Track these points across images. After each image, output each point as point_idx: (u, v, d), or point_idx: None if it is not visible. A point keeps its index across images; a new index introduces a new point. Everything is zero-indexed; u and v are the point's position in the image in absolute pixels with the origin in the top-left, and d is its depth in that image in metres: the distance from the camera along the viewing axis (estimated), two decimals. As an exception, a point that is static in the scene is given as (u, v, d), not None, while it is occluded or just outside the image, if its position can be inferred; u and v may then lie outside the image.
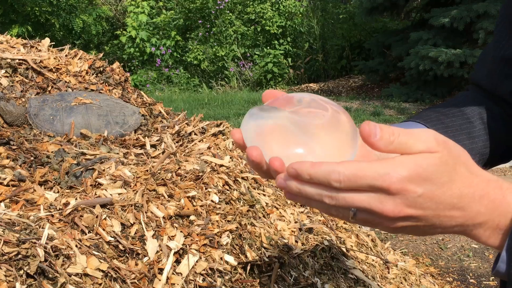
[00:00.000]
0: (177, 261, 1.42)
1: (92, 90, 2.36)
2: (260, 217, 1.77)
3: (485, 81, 0.88)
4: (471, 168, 0.54)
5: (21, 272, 1.13)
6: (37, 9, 11.11)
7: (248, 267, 1.52)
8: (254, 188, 1.92)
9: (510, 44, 0.84)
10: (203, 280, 1.41)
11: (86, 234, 1.37)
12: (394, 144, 0.51)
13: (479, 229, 0.55)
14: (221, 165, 1.89)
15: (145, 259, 1.38)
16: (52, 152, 1.76)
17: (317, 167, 0.50)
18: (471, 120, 0.83)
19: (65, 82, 2.32)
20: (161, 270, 1.37)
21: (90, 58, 2.56)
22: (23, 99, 2.13)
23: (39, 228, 1.30)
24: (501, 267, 0.56)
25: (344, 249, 1.90)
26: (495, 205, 0.54)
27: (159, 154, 1.96)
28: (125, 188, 1.60)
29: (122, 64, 10.90)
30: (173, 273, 1.38)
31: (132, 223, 1.46)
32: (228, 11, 11.00)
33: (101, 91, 2.37)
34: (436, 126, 0.79)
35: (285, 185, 0.53)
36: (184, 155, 1.98)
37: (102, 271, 1.27)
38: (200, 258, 1.45)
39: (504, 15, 0.86)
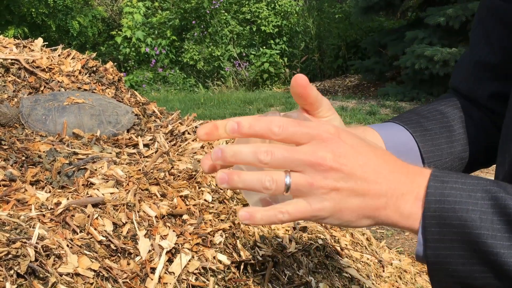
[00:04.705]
0: (170, 261, 1.41)
1: (85, 89, 2.35)
2: (253, 216, 1.76)
3: (462, 86, 0.90)
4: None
5: (12, 272, 1.12)
6: (33, 10, 11.07)
7: (242, 266, 1.51)
8: (248, 187, 1.91)
9: (482, 48, 0.86)
10: (196, 279, 1.40)
11: (77, 234, 1.36)
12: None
13: (401, 201, 0.54)
14: (215, 164, 1.88)
15: (137, 258, 1.37)
16: (44, 151, 1.75)
17: (259, 117, 0.52)
18: (452, 123, 0.83)
19: (58, 82, 2.31)
20: (153, 270, 1.36)
21: (83, 58, 2.55)
22: (16, 99, 2.12)
23: (30, 227, 1.29)
24: (419, 250, 0.55)
25: (338, 248, 1.90)
26: (414, 174, 0.55)
27: (152, 153, 1.96)
28: (117, 188, 1.60)
29: (118, 64, 10.88)
30: (165, 273, 1.37)
31: (124, 222, 1.45)
32: (223, 11, 10.99)
33: (94, 90, 2.36)
34: (414, 128, 0.80)
35: (219, 152, 0.53)
36: (177, 154, 1.97)
37: (94, 270, 1.26)
38: (193, 257, 1.44)
39: (478, 20, 0.88)
